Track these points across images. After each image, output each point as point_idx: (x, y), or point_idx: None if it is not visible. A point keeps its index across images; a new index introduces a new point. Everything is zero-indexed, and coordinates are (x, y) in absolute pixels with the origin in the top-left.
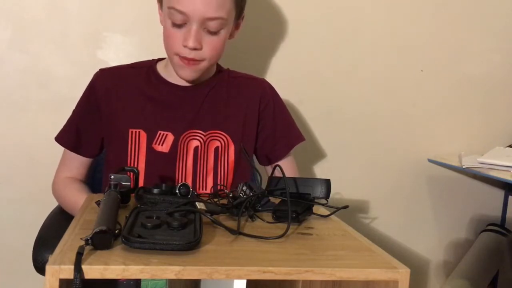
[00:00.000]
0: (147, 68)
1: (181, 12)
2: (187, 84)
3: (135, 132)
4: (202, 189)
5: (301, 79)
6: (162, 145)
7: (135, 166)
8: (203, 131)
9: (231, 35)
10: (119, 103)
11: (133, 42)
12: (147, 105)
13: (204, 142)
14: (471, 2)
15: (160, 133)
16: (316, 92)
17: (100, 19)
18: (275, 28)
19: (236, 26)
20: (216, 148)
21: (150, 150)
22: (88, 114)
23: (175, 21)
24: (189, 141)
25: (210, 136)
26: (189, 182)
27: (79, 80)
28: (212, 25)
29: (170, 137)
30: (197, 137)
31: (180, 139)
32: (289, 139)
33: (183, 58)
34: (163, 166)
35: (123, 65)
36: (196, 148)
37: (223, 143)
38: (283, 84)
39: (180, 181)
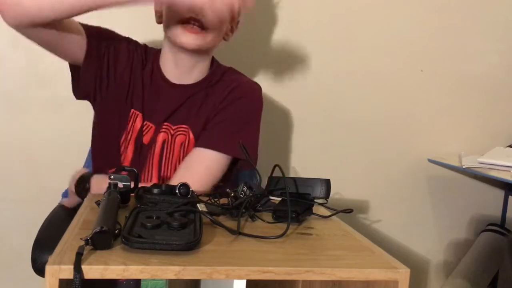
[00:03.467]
0: (152, 61)
1: None
2: (181, 83)
3: (135, 113)
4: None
5: (301, 79)
6: (145, 135)
7: (127, 146)
8: (172, 124)
9: (226, 35)
10: (135, 81)
11: None
12: (145, 94)
13: (172, 136)
14: (471, 2)
15: (146, 124)
16: (316, 92)
17: (100, 19)
18: (274, 29)
19: (231, 28)
20: (182, 143)
21: (140, 136)
22: (109, 51)
23: None
24: (159, 134)
25: (177, 131)
26: (155, 173)
27: None
28: None
29: (152, 130)
30: (165, 130)
31: (155, 133)
32: (218, 140)
33: (187, 26)
34: (140, 155)
35: (144, 50)
36: (164, 141)
37: (186, 137)
38: (283, 83)
39: (147, 171)
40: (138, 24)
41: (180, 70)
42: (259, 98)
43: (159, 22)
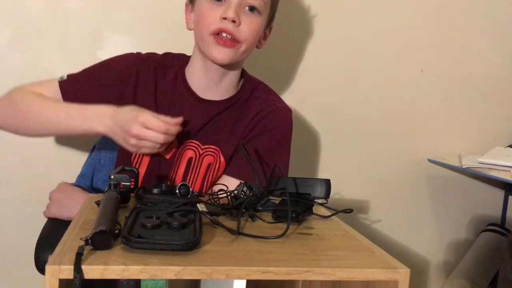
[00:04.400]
0: (176, 70)
1: None
2: (206, 96)
3: None
4: None
5: (301, 78)
6: (166, 148)
7: (139, 163)
8: (201, 144)
9: (259, 43)
10: (141, 97)
11: (133, 42)
12: (165, 105)
13: (200, 155)
14: (471, 2)
15: None
16: (316, 92)
17: (100, 19)
18: (275, 28)
19: (264, 33)
20: (209, 164)
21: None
22: (108, 89)
23: None
24: (185, 150)
25: (206, 151)
26: None
27: None
28: (252, 2)
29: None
30: (193, 148)
31: (180, 148)
32: (247, 171)
33: (220, 37)
34: (160, 170)
35: (156, 58)
36: (190, 159)
37: (216, 159)
38: (283, 84)
39: None
40: (139, 24)
41: (208, 80)
42: (291, 124)
43: (190, 29)
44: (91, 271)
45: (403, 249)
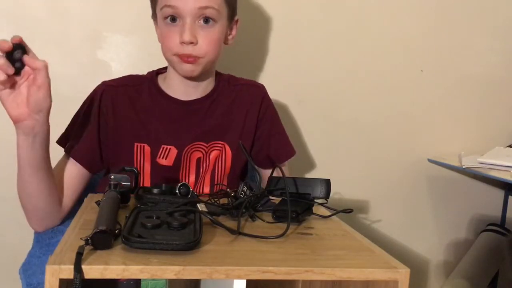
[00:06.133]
0: (148, 83)
1: (173, 7)
2: (189, 99)
3: (140, 146)
4: (200, 192)
5: (300, 78)
6: (165, 158)
7: (140, 180)
8: (205, 143)
9: (226, 40)
10: (124, 118)
11: (133, 42)
12: (151, 119)
13: (206, 153)
14: (471, 2)
15: (163, 147)
16: (316, 92)
17: (100, 19)
18: (273, 29)
19: (230, 29)
20: (217, 157)
21: (154, 164)
22: (97, 129)
23: (168, 16)
24: (192, 153)
25: (212, 147)
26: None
27: (79, 80)
28: (204, 15)
29: (174, 151)
30: (200, 149)
31: (184, 153)
32: (281, 154)
33: (182, 56)
34: (167, 179)
35: (125, 80)
36: (198, 159)
37: (222, 151)
38: (282, 83)
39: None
40: (139, 24)
41: (186, 85)
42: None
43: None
44: (91, 271)
45: (403, 249)
